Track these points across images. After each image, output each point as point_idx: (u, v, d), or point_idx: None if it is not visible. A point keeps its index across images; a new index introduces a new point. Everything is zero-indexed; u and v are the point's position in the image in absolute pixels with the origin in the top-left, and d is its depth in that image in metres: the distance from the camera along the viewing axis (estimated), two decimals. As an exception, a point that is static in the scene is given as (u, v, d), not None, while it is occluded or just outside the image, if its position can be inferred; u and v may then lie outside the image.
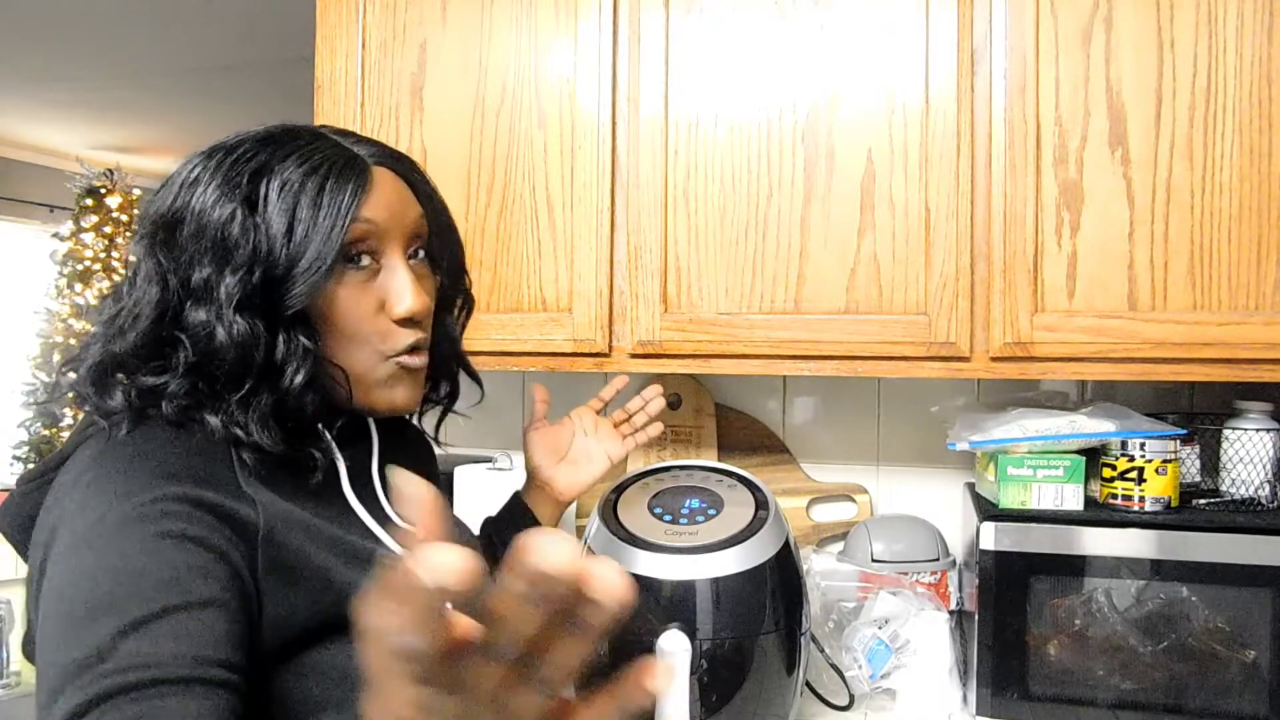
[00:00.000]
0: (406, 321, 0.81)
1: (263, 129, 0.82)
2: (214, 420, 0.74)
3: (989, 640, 1.25)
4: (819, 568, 1.53)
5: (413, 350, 0.83)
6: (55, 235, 5.27)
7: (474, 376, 1.00)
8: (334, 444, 0.83)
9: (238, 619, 0.67)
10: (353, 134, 0.85)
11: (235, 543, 0.70)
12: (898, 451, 1.68)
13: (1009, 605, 1.25)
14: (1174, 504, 1.28)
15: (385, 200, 0.80)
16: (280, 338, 0.76)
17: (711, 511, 1.24)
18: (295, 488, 0.78)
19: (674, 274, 1.39)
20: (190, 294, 0.75)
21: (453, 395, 0.99)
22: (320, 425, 0.83)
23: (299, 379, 0.76)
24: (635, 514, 1.24)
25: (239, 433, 0.74)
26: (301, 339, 0.76)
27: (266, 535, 0.72)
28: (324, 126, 0.84)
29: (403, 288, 0.80)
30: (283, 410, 0.76)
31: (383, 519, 0.85)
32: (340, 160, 0.79)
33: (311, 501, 0.79)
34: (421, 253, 0.85)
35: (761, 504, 1.25)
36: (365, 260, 0.80)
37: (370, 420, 0.91)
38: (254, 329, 0.74)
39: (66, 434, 4.99)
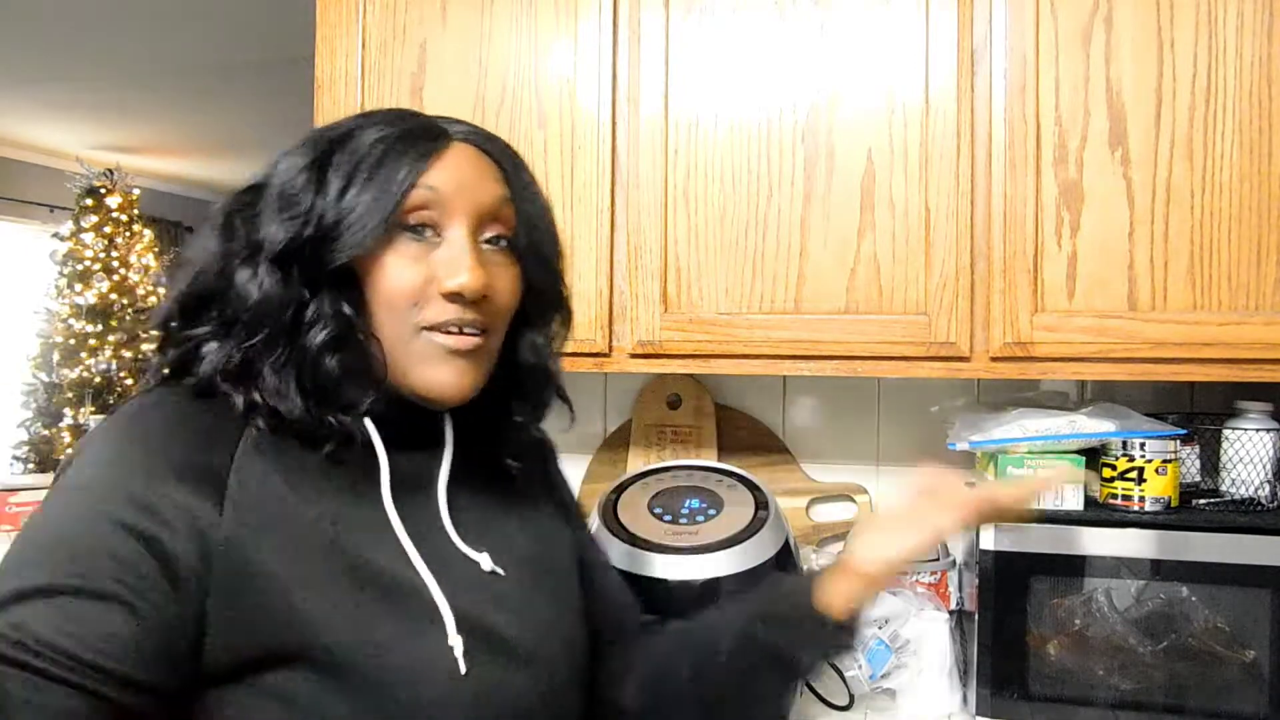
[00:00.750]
0: (455, 298, 0.74)
1: (369, 109, 0.81)
2: (236, 394, 0.72)
3: (989, 640, 1.25)
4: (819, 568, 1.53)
5: (456, 329, 0.75)
6: (55, 235, 5.28)
7: (563, 397, 0.89)
8: (371, 425, 0.76)
9: (150, 632, 0.62)
10: (459, 119, 0.81)
11: (188, 551, 0.65)
12: (898, 451, 1.68)
13: (1009, 605, 1.25)
14: (1174, 504, 1.28)
15: (456, 172, 0.76)
16: (317, 298, 0.73)
17: (711, 511, 1.24)
18: (324, 486, 0.73)
19: (674, 274, 1.39)
20: (246, 248, 0.74)
21: (537, 415, 0.88)
22: (365, 412, 0.76)
23: (320, 337, 0.72)
24: (635, 514, 1.24)
25: (256, 396, 0.72)
26: (341, 301, 0.73)
27: (226, 547, 0.66)
28: (452, 118, 0.81)
29: (457, 260, 0.74)
30: (304, 374, 0.73)
31: (434, 539, 0.78)
32: (418, 129, 0.76)
33: (340, 504, 0.74)
34: (503, 242, 0.79)
35: (761, 504, 1.25)
36: (426, 232, 0.75)
37: (447, 419, 0.83)
38: (287, 284, 0.72)
39: (67, 434, 5.00)
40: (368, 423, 0.76)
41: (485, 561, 0.80)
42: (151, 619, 0.62)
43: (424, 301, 0.75)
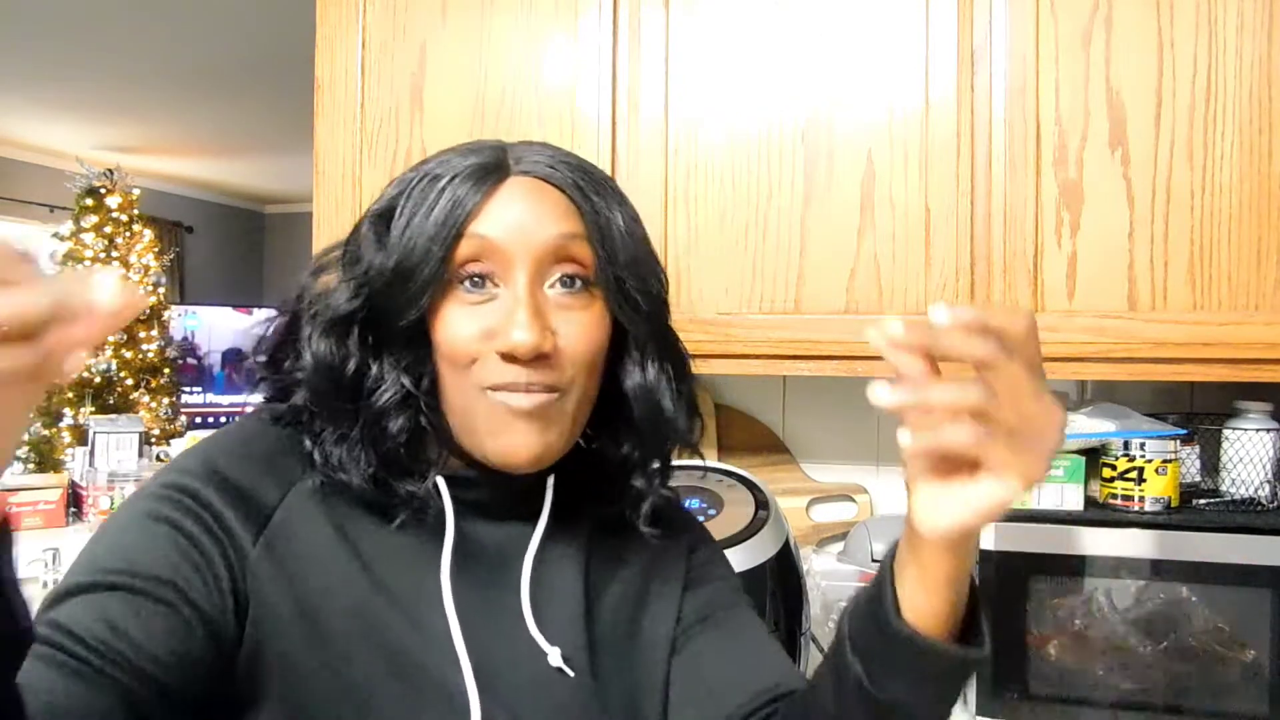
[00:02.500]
0: (511, 358, 0.66)
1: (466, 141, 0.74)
2: (306, 439, 0.69)
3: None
4: (819, 568, 1.53)
5: (520, 386, 0.67)
6: (55, 235, 5.27)
7: (685, 440, 0.78)
8: (446, 492, 0.71)
9: (184, 633, 0.61)
10: (545, 147, 0.73)
11: (225, 570, 0.64)
12: (897, 451, 1.67)
13: (1009, 605, 1.25)
14: (1174, 504, 1.28)
15: (510, 215, 0.67)
16: (379, 362, 0.69)
17: (711, 511, 1.24)
18: (383, 544, 0.69)
19: (674, 274, 1.38)
20: (317, 302, 0.71)
21: (662, 473, 0.78)
22: (445, 482, 0.71)
23: (381, 401, 0.68)
24: (635, 514, 1.24)
25: (317, 455, 0.68)
26: (400, 365, 0.68)
27: (248, 585, 0.64)
28: (532, 142, 0.74)
29: (511, 318, 0.66)
30: (369, 441, 0.68)
31: (501, 621, 0.71)
32: (474, 166, 0.68)
33: (396, 567, 0.69)
34: (579, 282, 0.69)
35: (761, 504, 1.25)
36: (484, 282, 0.68)
37: (549, 483, 0.75)
38: (342, 352, 0.68)
39: (67, 434, 5.00)
40: (442, 486, 0.71)
41: (554, 656, 0.71)
42: (188, 620, 0.61)
43: (483, 359, 0.67)
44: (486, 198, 0.67)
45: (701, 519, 1.22)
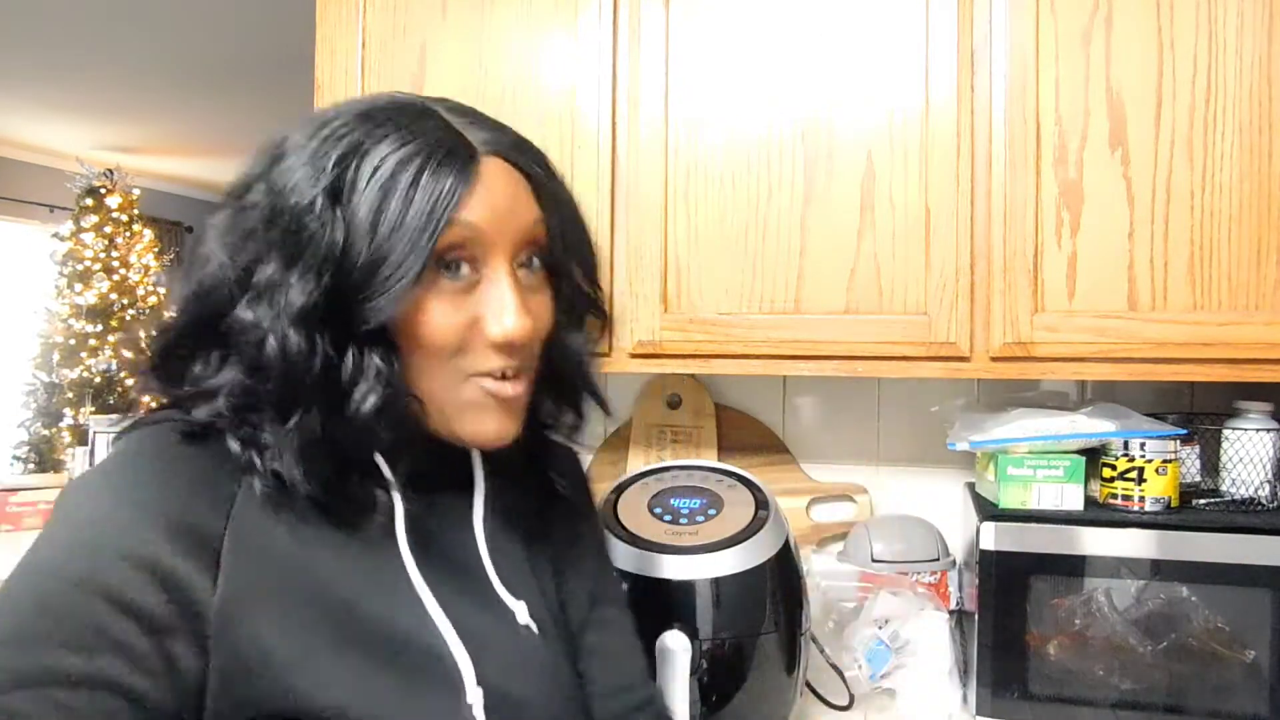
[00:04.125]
0: (501, 345, 0.68)
1: (367, 100, 0.70)
2: (235, 445, 0.64)
3: (989, 640, 1.25)
4: (819, 568, 1.53)
5: (504, 376, 0.69)
6: (55, 235, 5.27)
7: (600, 401, 0.82)
8: (394, 483, 0.70)
9: (147, 713, 0.56)
10: (471, 112, 0.71)
11: (182, 625, 0.59)
12: (898, 451, 1.68)
13: (1009, 605, 1.25)
14: (1174, 504, 1.28)
15: (492, 200, 0.67)
16: (349, 355, 0.65)
17: (711, 511, 1.24)
18: (338, 537, 0.67)
19: (674, 274, 1.39)
20: (249, 287, 0.65)
21: (578, 426, 0.82)
22: (384, 461, 0.70)
23: (368, 404, 0.64)
24: (635, 514, 1.24)
25: (257, 461, 0.64)
26: (375, 359, 0.65)
27: (221, 620, 0.60)
28: (441, 101, 0.72)
29: (502, 306, 0.67)
30: (336, 441, 0.65)
31: (471, 587, 0.73)
32: (444, 147, 0.66)
33: (356, 558, 0.67)
34: (537, 261, 0.72)
35: (761, 504, 1.25)
36: (463, 269, 0.67)
37: (476, 455, 0.77)
38: (313, 345, 0.63)
39: (67, 434, 5.00)
40: (383, 466, 0.70)
41: (521, 612, 0.74)
42: (148, 700, 0.57)
43: (467, 347, 0.68)
44: (469, 185, 0.66)
45: (702, 519, 1.22)
